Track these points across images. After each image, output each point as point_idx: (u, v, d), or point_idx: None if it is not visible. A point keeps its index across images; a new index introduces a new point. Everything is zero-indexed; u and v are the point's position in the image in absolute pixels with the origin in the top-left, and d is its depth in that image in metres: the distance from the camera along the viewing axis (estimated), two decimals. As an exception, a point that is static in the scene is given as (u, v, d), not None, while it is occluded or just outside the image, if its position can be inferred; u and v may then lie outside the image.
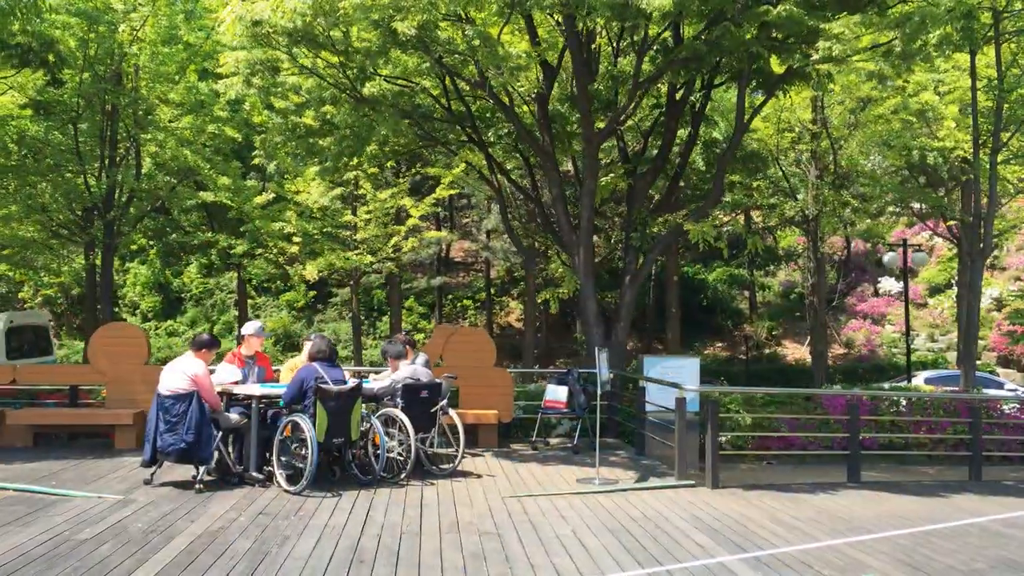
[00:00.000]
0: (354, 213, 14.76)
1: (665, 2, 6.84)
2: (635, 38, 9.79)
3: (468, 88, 11.10)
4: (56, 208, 14.84)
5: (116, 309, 30.02)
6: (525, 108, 11.89)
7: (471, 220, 32.53)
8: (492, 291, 30.74)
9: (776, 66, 10.16)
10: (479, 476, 7.39)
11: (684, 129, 11.87)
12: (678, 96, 11.08)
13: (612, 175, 11.08)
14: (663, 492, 6.94)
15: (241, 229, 15.46)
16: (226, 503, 6.09)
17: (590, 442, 9.13)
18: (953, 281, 29.81)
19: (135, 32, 12.74)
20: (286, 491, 6.44)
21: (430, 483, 6.98)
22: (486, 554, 4.86)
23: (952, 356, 27.24)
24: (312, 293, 29.33)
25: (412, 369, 7.45)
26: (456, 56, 10.40)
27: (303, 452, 6.56)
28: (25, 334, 16.02)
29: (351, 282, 15.83)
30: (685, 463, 7.35)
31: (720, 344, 30.61)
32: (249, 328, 7.73)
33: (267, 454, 6.91)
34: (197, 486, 6.48)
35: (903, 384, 17.20)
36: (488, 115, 11.86)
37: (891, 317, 30.54)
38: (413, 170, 15.48)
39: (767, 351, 28.93)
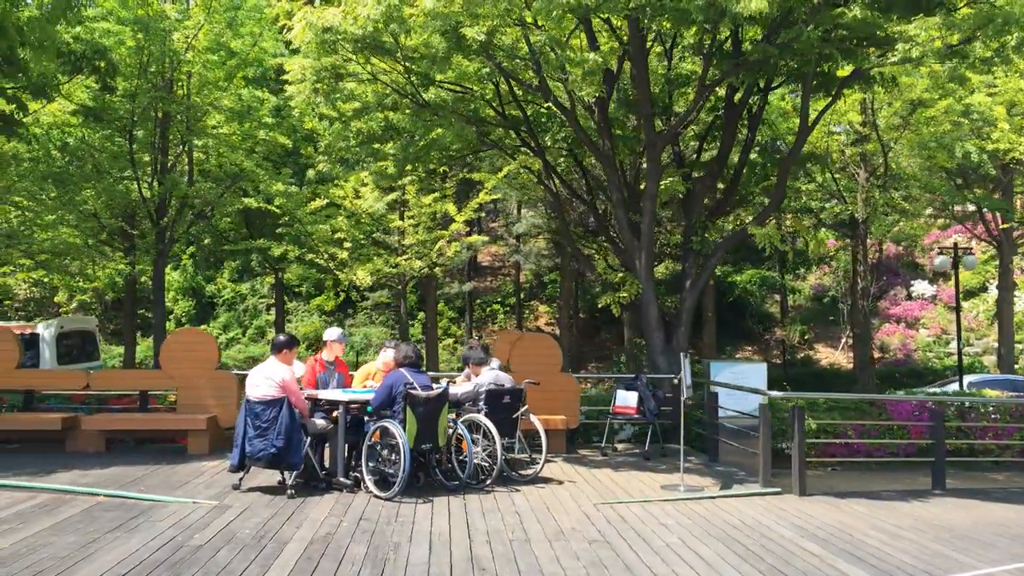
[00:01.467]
0: (401, 218, 14.81)
1: (762, 4, 6.78)
2: (704, 40, 9.74)
3: (522, 93, 11.10)
4: (105, 214, 15.01)
5: (150, 314, 30.36)
6: (579, 111, 11.86)
7: (499, 225, 32.58)
8: (521, 295, 30.73)
9: (838, 68, 10.04)
10: (560, 482, 7.34)
11: (740, 133, 11.79)
12: (736, 99, 11.01)
13: (670, 179, 11.03)
14: (751, 499, 6.87)
15: (279, 231, 15.52)
16: (323, 509, 6.09)
17: (659, 448, 9.10)
18: (988, 284, 29.42)
19: (189, 40, 12.86)
20: (377, 497, 6.43)
21: (515, 489, 6.95)
22: (604, 562, 4.82)
23: (988, 360, 26.85)
24: (343, 296, 29.45)
25: (495, 375, 7.43)
26: (517, 61, 10.41)
27: (393, 458, 6.56)
28: (74, 339, 16.22)
29: (399, 286, 15.87)
30: (769, 470, 7.27)
31: (750, 348, 30.39)
32: (332, 334, 7.75)
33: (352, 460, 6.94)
34: (289, 491, 6.49)
35: (951, 389, 16.95)
36: (543, 119, 11.84)
37: (925, 321, 30.21)
38: (460, 175, 15.50)
39: (800, 355, 28.68)
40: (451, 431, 6.91)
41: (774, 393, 7.82)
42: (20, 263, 18.75)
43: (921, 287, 31.79)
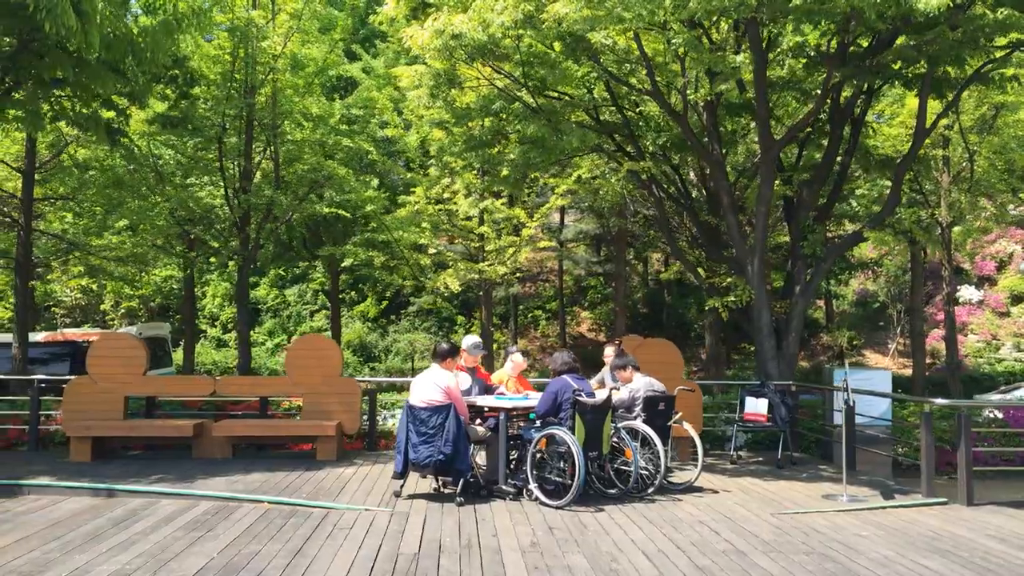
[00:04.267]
0: (482, 223, 14.79)
1: (944, -1, 6.67)
2: (831, 42, 9.67)
3: (625, 98, 11.05)
4: (185, 222, 15.03)
5: (196, 320, 30.47)
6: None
7: (542, 231, 32.51)
8: (563, 301, 30.63)
9: (962, 69, 9.90)
10: (715, 492, 7.22)
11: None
12: (842, 101, 10.89)
13: (778, 183, 10.92)
14: (924, 510, 6.71)
15: (366, 237, 15.50)
16: (503, 517, 5.99)
17: (790, 456, 8.96)
18: (1041, 289, 29.02)
19: (281, 48, 12.90)
20: (547, 505, 6.34)
21: (675, 499, 6.83)
22: None
23: (1040, 366, 26.46)
24: (385, 303, 29.52)
25: (648, 381, 7.33)
26: (627, 65, 10.35)
27: (561, 465, 6.47)
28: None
29: (480, 292, 15.83)
30: (933, 478, 7.13)
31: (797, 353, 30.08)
32: (468, 342, 7.74)
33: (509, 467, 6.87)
34: (458, 499, 6.41)
35: (1017, 395, 16.64)
36: (639, 124, 11.77)
37: (973, 326, 29.87)
38: (542, 181, 15.49)
39: (851, 361, 28.40)
40: (614, 439, 6.81)
41: (939, 400, 7.68)
42: (74, 270, 18.81)
43: (968, 292, 31.45)
